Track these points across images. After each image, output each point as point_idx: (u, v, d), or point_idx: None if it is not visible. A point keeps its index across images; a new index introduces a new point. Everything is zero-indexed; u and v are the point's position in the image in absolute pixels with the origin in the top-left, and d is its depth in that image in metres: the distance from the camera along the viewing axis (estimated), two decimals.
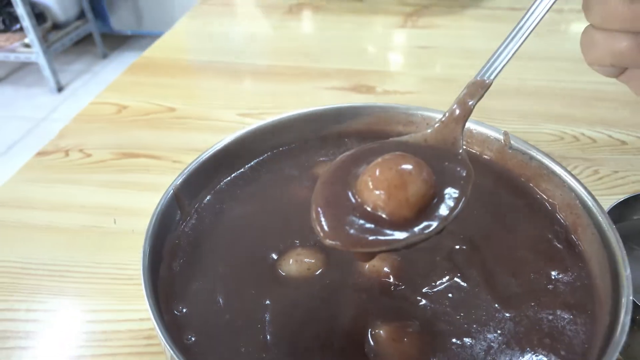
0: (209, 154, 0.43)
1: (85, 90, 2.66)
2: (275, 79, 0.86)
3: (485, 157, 0.45)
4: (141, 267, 0.32)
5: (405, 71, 0.89)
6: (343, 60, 0.91)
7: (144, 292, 0.31)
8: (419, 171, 0.29)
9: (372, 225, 0.29)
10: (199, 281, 0.35)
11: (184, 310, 0.33)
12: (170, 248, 0.37)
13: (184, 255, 0.36)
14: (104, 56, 2.97)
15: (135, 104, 0.77)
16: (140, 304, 0.47)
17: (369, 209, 0.29)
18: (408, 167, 0.30)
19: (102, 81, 2.72)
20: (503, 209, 0.41)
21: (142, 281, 0.32)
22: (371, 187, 0.29)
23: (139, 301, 0.47)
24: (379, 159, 0.30)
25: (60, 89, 2.63)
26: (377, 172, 0.30)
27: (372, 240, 0.28)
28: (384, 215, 0.29)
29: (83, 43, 2.93)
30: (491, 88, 0.35)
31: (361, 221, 0.29)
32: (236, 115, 0.75)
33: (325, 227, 0.29)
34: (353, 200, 0.30)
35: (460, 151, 0.33)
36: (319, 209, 0.30)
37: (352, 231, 0.29)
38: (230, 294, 0.34)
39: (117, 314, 0.46)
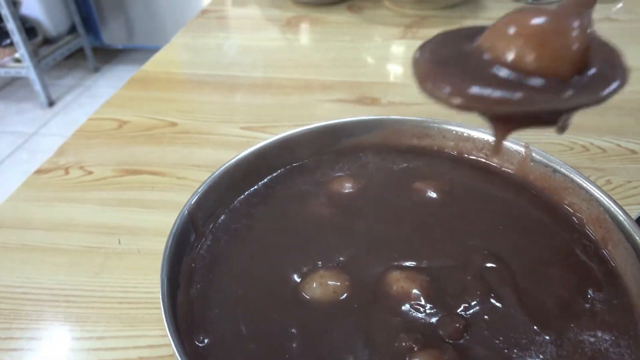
0: (221, 171, 0.41)
1: (77, 104, 2.63)
2: (275, 91, 0.84)
3: (507, 170, 0.43)
4: (160, 297, 0.30)
5: (409, 82, 0.88)
6: (345, 72, 0.90)
7: (165, 324, 0.29)
8: (575, 20, 0.23)
9: (516, 82, 0.23)
10: (218, 307, 0.33)
11: (206, 340, 0.31)
12: (187, 272, 0.35)
13: (201, 280, 0.35)
14: (96, 70, 2.94)
15: (136, 119, 0.75)
16: (150, 330, 0.45)
17: (510, 60, 0.23)
18: (562, 15, 0.24)
19: (93, 95, 2.70)
20: (528, 223, 0.40)
21: (162, 312, 0.30)
22: (516, 34, 0.23)
23: (148, 326, 0.45)
24: (521, 11, 0.24)
25: (51, 103, 2.60)
26: (522, 20, 0.24)
27: (521, 98, 0.22)
28: (532, 70, 0.23)
29: (74, 57, 2.90)
30: None
31: (501, 77, 0.23)
32: (238, 128, 0.74)
33: (452, 86, 0.23)
34: (484, 56, 0.24)
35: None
36: (435, 68, 0.25)
37: (490, 88, 0.23)
38: (253, 320, 0.32)
39: (125, 341, 0.44)
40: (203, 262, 0.36)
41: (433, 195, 0.41)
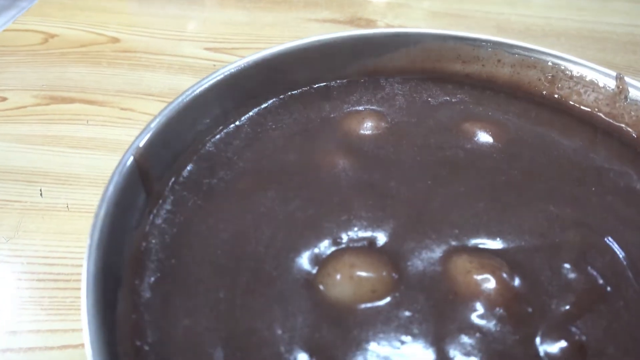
0: (186, 100, 0.27)
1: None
2: (247, 6, 0.69)
3: (589, 110, 0.32)
4: (83, 305, 0.17)
5: (409, 3, 0.74)
6: None
7: (88, 350, 0.17)
8: None
9: None
10: (188, 317, 0.20)
11: None
12: (133, 256, 0.22)
13: (157, 269, 0.22)
14: None
15: (67, 31, 0.59)
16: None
17: None
18: None
19: None
20: (628, 185, 0.28)
21: (84, 332, 0.17)
22: None
23: (79, 315, 0.33)
24: None
25: None
26: None
27: None
28: None
29: None
30: (513, 27, 0.22)
31: None
32: (201, 49, 0.59)
33: None
34: None
35: None
36: None
37: None
38: (246, 341, 0.19)
39: (48, 337, 0.31)
40: (161, 240, 0.23)
41: (492, 142, 0.29)
